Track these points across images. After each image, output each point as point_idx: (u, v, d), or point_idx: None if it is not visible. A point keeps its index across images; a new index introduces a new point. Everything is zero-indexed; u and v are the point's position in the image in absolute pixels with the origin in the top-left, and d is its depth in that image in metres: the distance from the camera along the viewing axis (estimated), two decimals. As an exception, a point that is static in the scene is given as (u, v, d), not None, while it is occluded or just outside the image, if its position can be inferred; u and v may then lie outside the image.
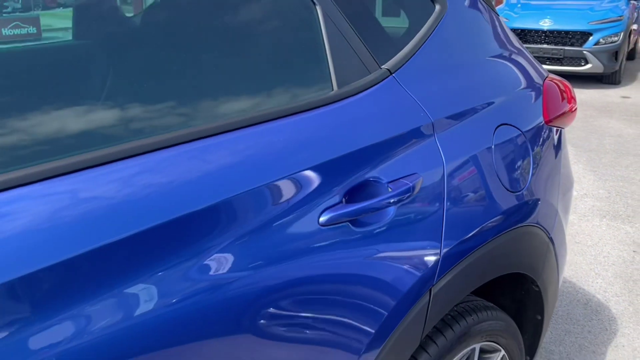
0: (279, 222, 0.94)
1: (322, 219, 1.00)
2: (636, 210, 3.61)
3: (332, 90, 1.11)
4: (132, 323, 0.77)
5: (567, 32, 7.13)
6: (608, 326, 2.45)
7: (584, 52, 7.05)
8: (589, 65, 7.11)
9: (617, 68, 7.23)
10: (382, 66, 1.19)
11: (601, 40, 7.04)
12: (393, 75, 1.19)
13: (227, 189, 0.88)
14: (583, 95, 6.90)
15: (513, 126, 1.39)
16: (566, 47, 7.11)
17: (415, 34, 1.29)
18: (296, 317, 0.97)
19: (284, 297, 0.94)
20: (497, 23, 1.57)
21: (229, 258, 0.88)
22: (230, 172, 0.90)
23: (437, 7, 1.36)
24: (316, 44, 1.11)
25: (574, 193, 3.45)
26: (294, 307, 0.96)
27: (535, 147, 1.45)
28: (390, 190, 1.09)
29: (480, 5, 1.51)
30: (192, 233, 0.84)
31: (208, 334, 0.85)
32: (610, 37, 7.07)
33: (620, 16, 7.27)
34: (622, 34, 7.13)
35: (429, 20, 1.33)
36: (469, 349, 1.40)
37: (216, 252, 0.87)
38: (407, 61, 1.23)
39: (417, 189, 1.13)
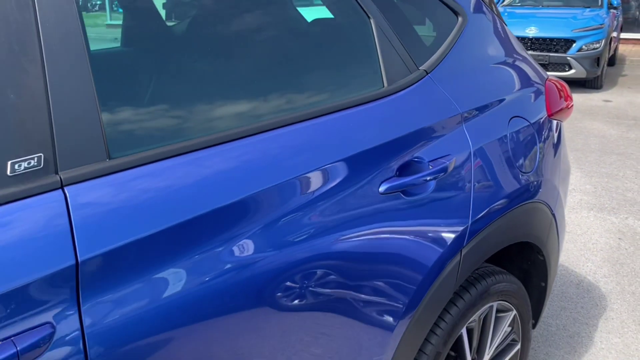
0: (353, 188, 1.19)
1: (381, 188, 1.25)
2: (620, 203, 3.91)
3: (383, 87, 1.36)
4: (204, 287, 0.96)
5: (551, 40, 7.50)
6: (598, 302, 2.73)
7: (568, 58, 7.41)
8: (572, 71, 7.47)
9: (599, 73, 7.60)
10: (420, 67, 1.45)
11: (584, 47, 7.41)
12: (429, 75, 1.45)
13: (320, 160, 1.13)
14: (567, 99, 7.23)
15: (523, 118, 1.66)
16: (551, 54, 7.47)
17: (444, 42, 1.56)
18: (361, 265, 1.22)
19: (356, 247, 1.20)
20: (506, 33, 1.84)
21: (319, 215, 1.13)
22: (319, 147, 1.15)
23: (460, 19, 1.63)
24: (371, 49, 1.36)
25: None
26: (360, 256, 1.21)
27: (541, 136, 1.72)
28: (430, 167, 1.35)
29: (492, 18, 1.78)
30: (288, 190, 1.09)
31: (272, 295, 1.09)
32: (593, 44, 7.44)
33: (601, 24, 7.65)
34: (603, 41, 7.51)
35: (453, 30, 1.60)
36: (487, 306, 1.66)
37: (308, 209, 1.12)
38: (439, 64, 1.49)
39: (451, 167, 1.39)
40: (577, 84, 8.07)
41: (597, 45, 7.47)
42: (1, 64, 0.82)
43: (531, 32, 7.57)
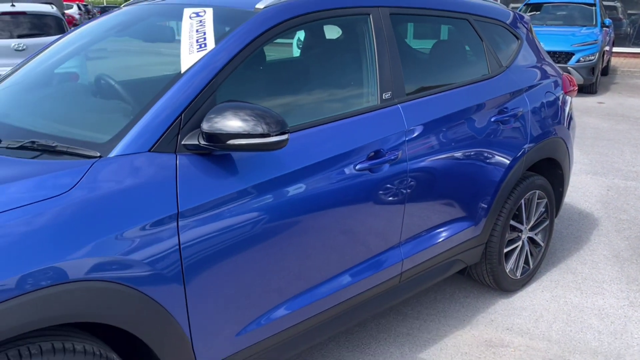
0: (481, 116, 2.68)
1: (492, 119, 2.74)
2: (609, 170, 5.42)
3: (488, 73, 2.86)
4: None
5: (554, 52, 9.06)
6: (593, 221, 4.22)
7: (568, 68, 8.97)
8: (572, 78, 9.02)
9: (593, 81, 9.16)
10: (503, 65, 2.95)
11: (581, 58, 8.98)
12: (508, 69, 2.96)
13: (468, 103, 2.63)
14: (568, 101, 8.78)
15: (552, 93, 3.16)
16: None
17: (512, 53, 3.06)
18: (479, 160, 2.71)
19: (476, 149, 2.69)
20: (540, 47, 3.35)
21: (469, 130, 2.63)
22: (465, 99, 2.64)
23: (519, 40, 3.14)
24: (481, 55, 2.87)
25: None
26: (479, 155, 2.70)
27: (561, 103, 3.22)
28: (512, 112, 2.84)
29: (534, 39, 3.29)
30: (462, 113, 2.58)
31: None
32: (588, 56, 9.01)
33: (595, 40, 9.22)
34: (597, 54, 9.08)
35: (515, 46, 3.11)
36: (532, 192, 3.13)
37: (467, 124, 2.61)
38: (511, 63, 3.00)
39: (519, 114, 2.89)
40: (576, 89, 9.60)
41: (592, 57, 9.03)
42: (383, 60, 2.31)
43: (537, 46, 9.13)
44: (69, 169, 1.54)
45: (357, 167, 2.13)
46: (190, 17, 2.09)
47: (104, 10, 41.52)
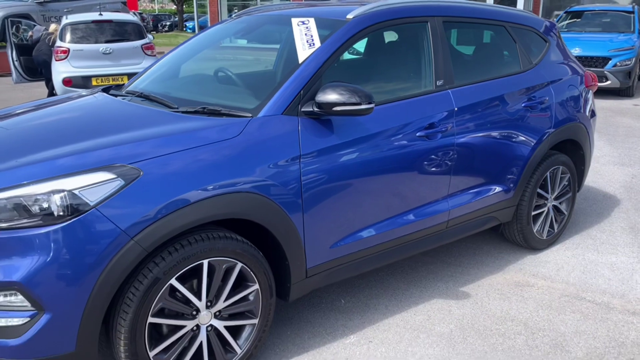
0: (514, 102, 3.40)
1: (522, 105, 3.46)
2: (636, 161, 5.99)
3: (520, 69, 3.58)
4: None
5: (592, 57, 9.59)
6: (615, 202, 4.84)
7: (605, 72, 9.49)
8: (608, 82, 9.53)
9: (630, 84, 9.64)
10: (533, 62, 3.67)
11: (618, 63, 9.48)
12: (537, 65, 3.67)
13: (500, 91, 3.35)
14: (605, 103, 9.29)
15: (575, 86, 3.85)
16: (591, 68, 9.55)
17: (541, 52, 3.77)
18: (511, 139, 3.43)
19: (507, 131, 3.41)
20: (566, 48, 4.03)
21: (503, 114, 3.36)
22: (499, 88, 3.37)
23: (547, 43, 3.84)
24: (515, 54, 3.59)
25: (597, 153, 5.88)
26: (509, 134, 3.42)
27: (583, 95, 3.91)
28: (539, 100, 3.55)
29: (560, 41, 3.99)
30: (497, 99, 3.32)
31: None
32: (625, 61, 9.51)
33: (632, 46, 9.72)
34: (634, 59, 9.57)
35: (544, 48, 3.81)
36: (556, 167, 3.81)
37: (502, 108, 3.34)
38: (540, 61, 3.71)
39: (545, 103, 3.59)
40: (612, 92, 10.09)
41: (629, 62, 9.52)
42: (437, 55, 3.07)
43: (576, 51, 9.67)
44: (235, 123, 2.36)
45: (418, 134, 2.89)
46: (297, 25, 2.90)
47: (157, 18, 43.47)
